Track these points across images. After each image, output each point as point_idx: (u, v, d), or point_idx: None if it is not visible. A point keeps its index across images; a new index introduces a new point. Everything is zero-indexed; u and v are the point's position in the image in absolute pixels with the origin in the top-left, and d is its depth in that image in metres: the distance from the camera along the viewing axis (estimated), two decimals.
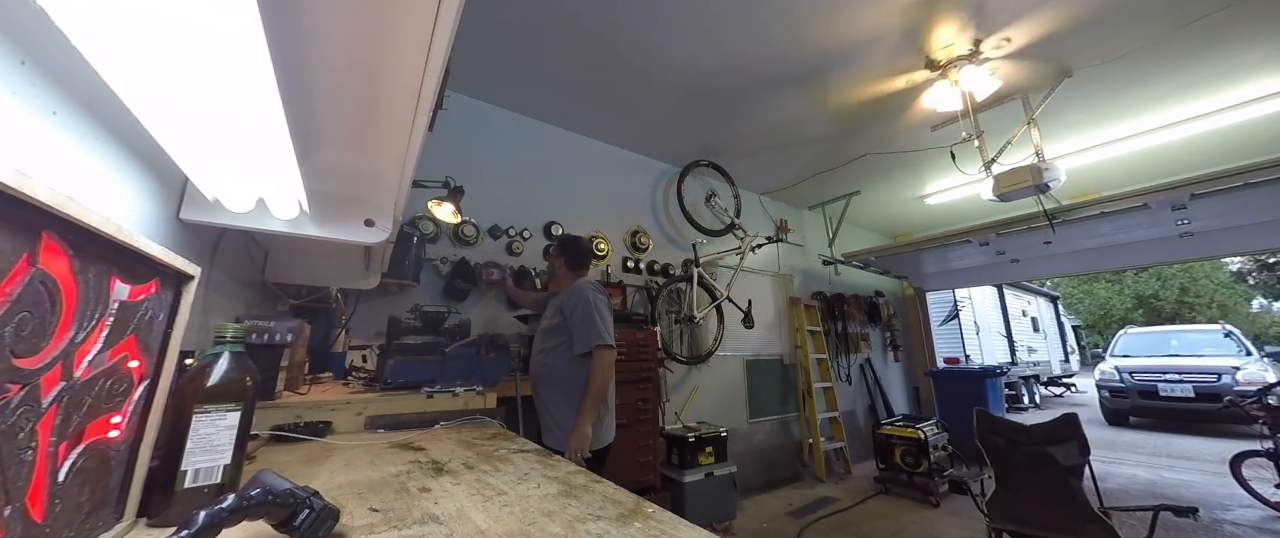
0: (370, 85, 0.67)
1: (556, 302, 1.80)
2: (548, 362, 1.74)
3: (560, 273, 1.91)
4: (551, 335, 1.75)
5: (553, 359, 1.73)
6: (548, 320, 1.79)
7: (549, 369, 1.73)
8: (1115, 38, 2.58)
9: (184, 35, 0.39)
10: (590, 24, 2.37)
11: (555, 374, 1.72)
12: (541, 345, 1.78)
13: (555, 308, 1.79)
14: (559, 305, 1.77)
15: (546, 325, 1.79)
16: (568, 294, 1.77)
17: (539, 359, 1.78)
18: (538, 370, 1.77)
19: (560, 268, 1.92)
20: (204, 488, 0.54)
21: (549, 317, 1.80)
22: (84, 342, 0.42)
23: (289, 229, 0.89)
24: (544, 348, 1.77)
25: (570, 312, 1.71)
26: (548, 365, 1.74)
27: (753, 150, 3.76)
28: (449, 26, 0.54)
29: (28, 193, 0.33)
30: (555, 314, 1.77)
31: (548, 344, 1.75)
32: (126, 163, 0.64)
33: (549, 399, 1.71)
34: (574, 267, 1.92)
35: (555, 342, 1.73)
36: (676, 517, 0.58)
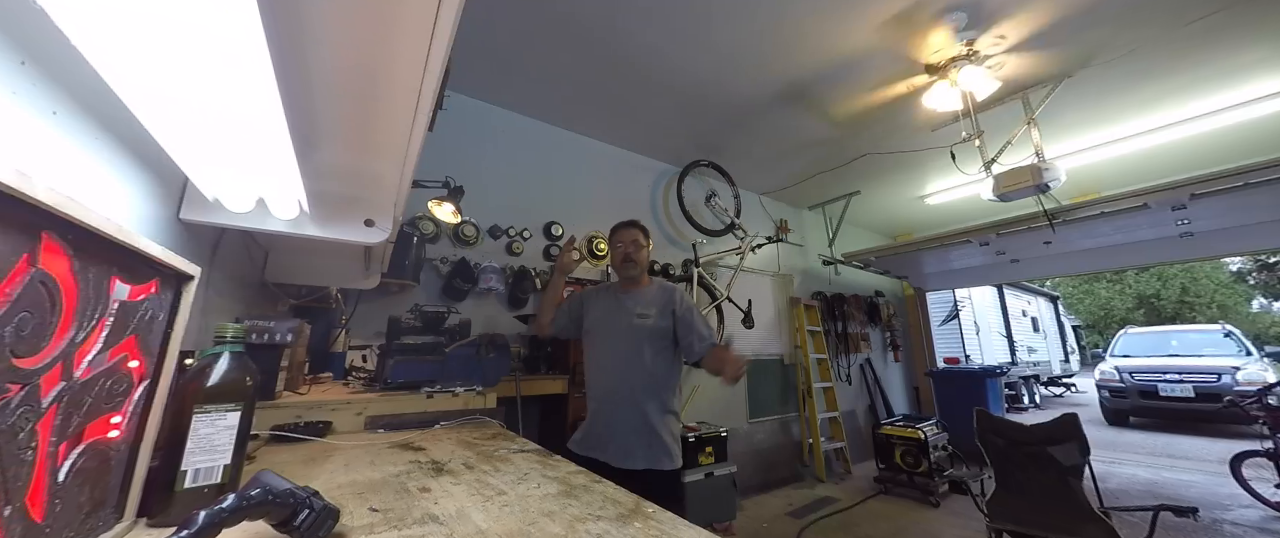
0: (370, 85, 0.67)
1: (658, 299, 1.63)
2: (654, 368, 1.54)
3: (645, 265, 1.71)
4: (659, 337, 1.57)
5: (659, 366, 1.55)
6: (652, 320, 1.58)
7: (654, 378, 1.54)
8: (1115, 38, 2.58)
9: (184, 35, 0.39)
10: (590, 24, 2.37)
11: (659, 381, 1.55)
12: (640, 349, 1.55)
13: (660, 306, 1.61)
14: (666, 303, 1.62)
15: (652, 325, 1.57)
16: (666, 291, 1.66)
17: (639, 366, 1.54)
18: (637, 380, 1.53)
19: (647, 259, 1.73)
20: (204, 488, 0.54)
21: (654, 316, 1.59)
22: (84, 342, 0.42)
23: (289, 229, 0.89)
24: (648, 353, 1.55)
25: (682, 311, 1.59)
26: (653, 372, 1.54)
27: (753, 150, 3.76)
28: (449, 26, 0.54)
29: (28, 193, 0.33)
30: (662, 314, 1.60)
31: (654, 346, 1.56)
32: (126, 163, 0.64)
33: (654, 413, 1.51)
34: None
35: (662, 344, 1.57)
36: (676, 517, 0.58)
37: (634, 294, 1.67)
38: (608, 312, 1.66)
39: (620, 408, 1.51)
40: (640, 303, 1.63)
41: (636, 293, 1.67)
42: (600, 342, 1.63)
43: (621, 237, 1.70)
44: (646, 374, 1.53)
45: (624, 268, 1.68)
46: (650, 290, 1.67)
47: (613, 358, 1.58)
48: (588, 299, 1.74)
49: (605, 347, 1.62)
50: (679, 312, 1.60)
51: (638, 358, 1.55)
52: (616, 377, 1.55)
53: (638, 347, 1.56)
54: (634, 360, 1.55)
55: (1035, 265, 5.28)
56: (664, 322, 1.59)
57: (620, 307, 1.64)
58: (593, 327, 1.67)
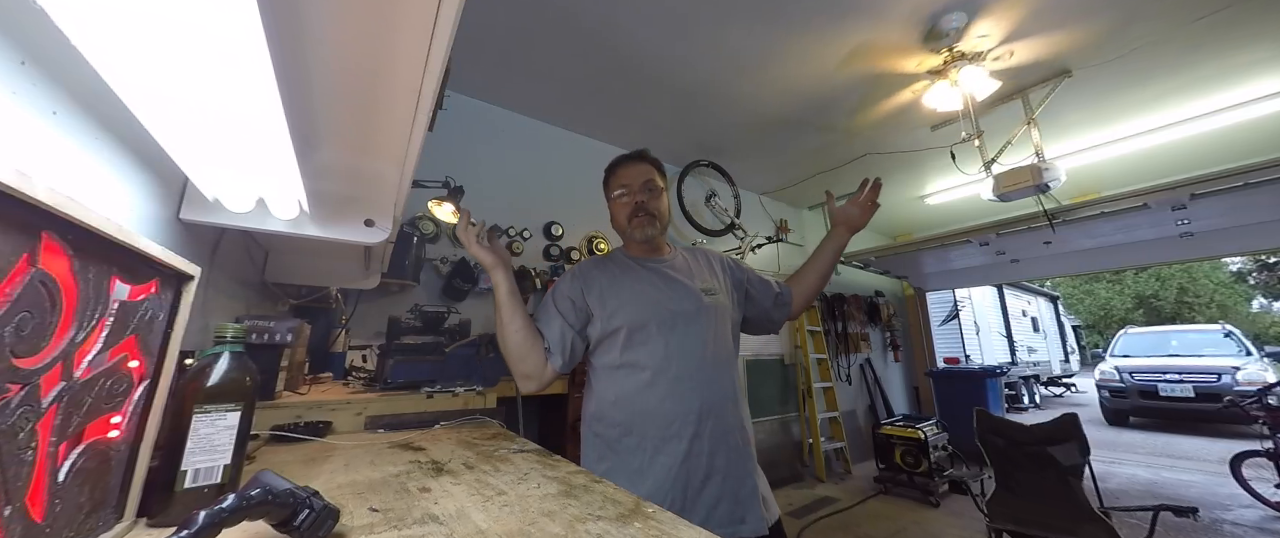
0: (370, 85, 0.67)
1: (706, 264, 1.19)
2: (731, 361, 1.08)
3: (666, 220, 1.17)
4: (725, 316, 1.10)
5: (731, 356, 1.09)
6: (721, 296, 1.11)
7: (733, 376, 1.08)
8: (1115, 38, 2.58)
9: (184, 35, 0.39)
10: (590, 24, 2.37)
11: (736, 378, 1.09)
12: (725, 342, 1.08)
13: (717, 273, 1.17)
14: (718, 268, 1.19)
15: (724, 303, 1.11)
16: (702, 253, 1.24)
17: (728, 369, 1.07)
18: (729, 391, 1.04)
19: (668, 212, 1.19)
20: (204, 488, 0.54)
21: (720, 290, 1.13)
22: (84, 342, 0.42)
23: (289, 229, 0.89)
24: (733, 346, 1.11)
25: (741, 270, 1.23)
26: (731, 367, 1.08)
27: (752, 150, 3.77)
28: (449, 26, 0.54)
29: (28, 193, 0.33)
30: (736, 285, 1.19)
31: (734, 336, 1.13)
32: (126, 163, 0.64)
33: (739, 430, 1.04)
34: None
35: (729, 326, 1.11)
36: (676, 517, 0.58)
37: (669, 263, 1.14)
38: (652, 291, 1.07)
39: (720, 442, 0.99)
40: (691, 274, 1.13)
41: (671, 261, 1.15)
42: (658, 340, 1.01)
43: (626, 176, 1.12)
44: (734, 380, 1.06)
45: (638, 226, 1.10)
46: (684, 256, 1.19)
47: (689, 362, 1.01)
48: (588, 281, 1.09)
49: (670, 346, 1.01)
50: (739, 273, 1.21)
51: (726, 356, 1.06)
52: (703, 392, 0.99)
53: (721, 338, 1.06)
54: (722, 362, 1.04)
55: (1035, 265, 5.28)
56: (732, 295, 1.15)
57: (669, 281, 1.09)
58: (633, 320, 1.03)
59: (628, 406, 1.01)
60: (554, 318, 1.06)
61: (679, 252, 1.20)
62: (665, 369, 1.00)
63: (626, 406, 1.01)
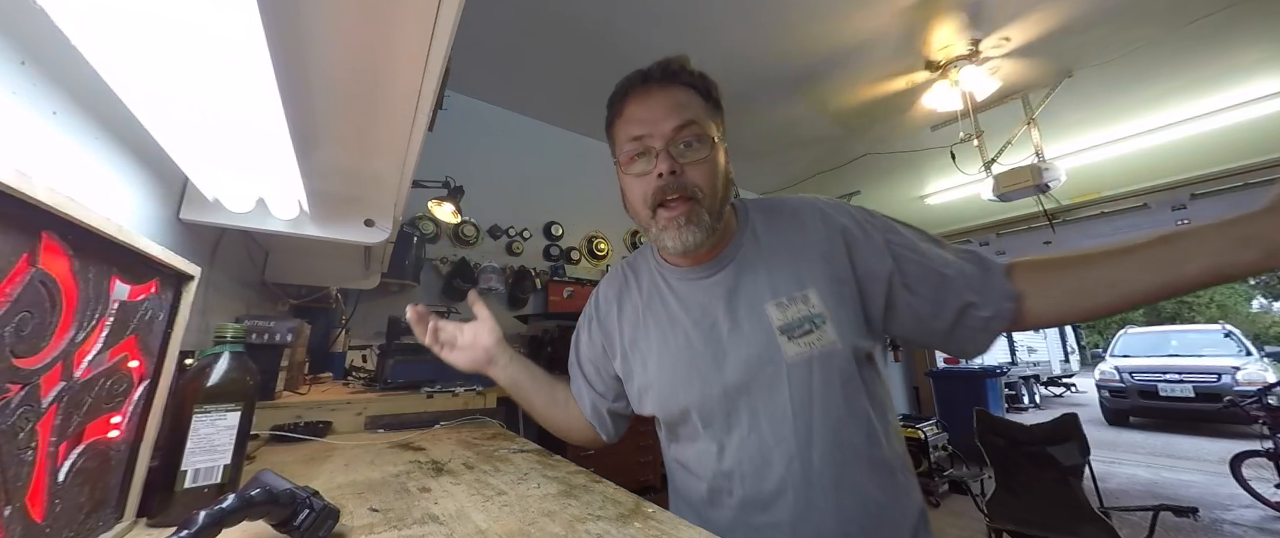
0: (370, 85, 0.67)
1: (809, 248, 0.66)
2: (845, 414, 0.62)
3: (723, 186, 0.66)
4: (832, 362, 0.62)
5: (858, 404, 0.64)
6: (818, 323, 0.62)
7: (853, 432, 0.63)
8: (1115, 38, 2.58)
9: (184, 35, 0.39)
10: (589, 24, 2.37)
11: (867, 433, 0.63)
12: (812, 404, 0.62)
13: (847, 268, 0.65)
14: (837, 252, 0.65)
15: (826, 339, 0.62)
16: (804, 222, 0.69)
17: (810, 425, 0.61)
18: (816, 453, 0.61)
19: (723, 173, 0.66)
20: (204, 488, 0.54)
21: (823, 310, 0.63)
22: (84, 342, 0.42)
23: (289, 229, 0.89)
24: (824, 391, 0.62)
25: (875, 261, 0.64)
26: (846, 421, 0.62)
27: (752, 150, 3.77)
28: (449, 26, 0.54)
29: (28, 193, 0.33)
30: (863, 286, 0.65)
31: (832, 385, 0.62)
32: (127, 163, 0.64)
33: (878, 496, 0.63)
34: None
35: (844, 375, 0.62)
36: (676, 517, 0.58)
37: (725, 274, 0.68)
38: (687, 353, 0.68)
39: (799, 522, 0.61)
40: (763, 292, 0.65)
41: (728, 268, 0.68)
42: (706, 438, 0.67)
43: (640, 114, 0.64)
44: (834, 433, 0.62)
45: (670, 227, 0.63)
46: (753, 248, 0.69)
47: (767, 463, 0.63)
48: (608, 332, 0.78)
49: (728, 448, 0.65)
50: (870, 259, 0.65)
51: (803, 409, 0.62)
52: (761, 461, 0.63)
53: (827, 400, 0.62)
54: (798, 417, 0.62)
55: None
56: (849, 310, 0.64)
57: (715, 327, 0.67)
58: (666, 408, 0.70)
59: (676, 465, 0.74)
60: (583, 389, 0.80)
61: (748, 233, 0.69)
62: (725, 487, 0.65)
63: (673, 463, 0.75)
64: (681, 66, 0.67)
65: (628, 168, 0.66)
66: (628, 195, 0.68)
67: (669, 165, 0.62)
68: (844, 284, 0.64)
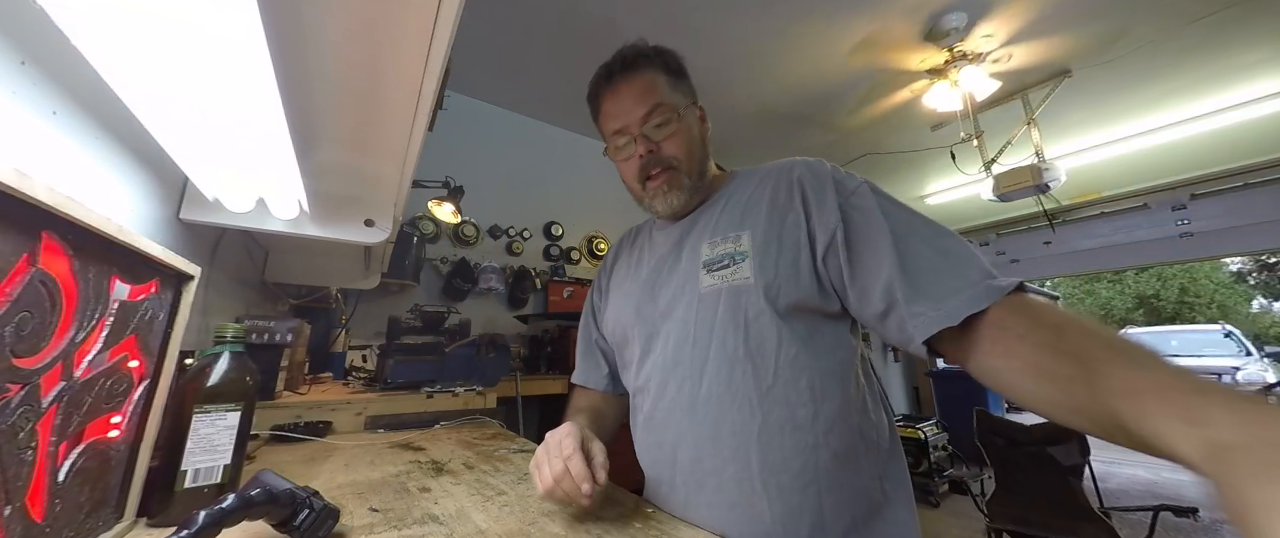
0: (370, 85, 0.67)
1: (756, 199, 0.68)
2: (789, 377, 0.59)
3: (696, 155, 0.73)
4: (744, 297, 0.62)
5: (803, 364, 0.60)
6: (741, 262, 0.64)
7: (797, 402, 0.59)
8: (1116, 38, 2.58)
9: (184, 35, 0.39)
10: (589, 24, 2.37)
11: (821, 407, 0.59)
12: (727, 339, 0.62)
13: (769, 211, 0.66)
14: (781, 199, 0.66)
15: (741, 277, 0.63)
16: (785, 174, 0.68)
17: (737, 384, 0.60)
18: (740, 421, 0.59)
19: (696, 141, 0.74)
20: (204, 488, 0.54)
21: (761, 252, 0.63)
22: (84, 342, 0.42)
23: (289, 229, 0.89)
24: (752, 339, 0.61)
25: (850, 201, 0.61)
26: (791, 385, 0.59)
27: (752, 150, 3.77)
28: (449, 26, 0.54)
29: (28, 193, 0.33)
30: (782, 227, 0.64)
31: (736, 321, 0.62)
32: (127, 163, 0.64)
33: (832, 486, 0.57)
34: None
35: (796, 311, 0.61)
36: (676, 517, 0.58)
37: (692, 224, 0.73)
38: (635, 284, 0.77)
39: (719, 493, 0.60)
40: (711, 232, 0.69)
41: (700, 217, 0.73)
42: (636, 365, 0.73)
43: (614, 109, 0.73)
44: (727, 367, 0.61)
45: (657, 194, 0.72)
46: (733, 198, 0.71)
47: (664, 386, 0.67)
48: (610, 274, 0.87)
49: (647, 368, 0.70)
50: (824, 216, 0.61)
51: (729, 362, 0.61)
52: (693, 425, 0.63)
53: (722, 335, 0.62)
54: (722, 370, 0.61)
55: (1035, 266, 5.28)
56: (796, 255, 0.62)
57: (661, 262, 0.74)
58: (614, 335, 0.79)
59: (634, 429, 0.75)
60: (591, 348, 0.87)
61: (723, 191, 0.73)
62: (639, 404, 0.72)
63: (634, 429, 0.76)
64: (638, 53, 0.75)
65: (615, 155, 0.76)
66: (622, 175, 0.78)
67: (645, 147, 0.71)
68: (790, 232, 0.63)
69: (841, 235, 0.59)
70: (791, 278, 0.61)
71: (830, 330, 0.63)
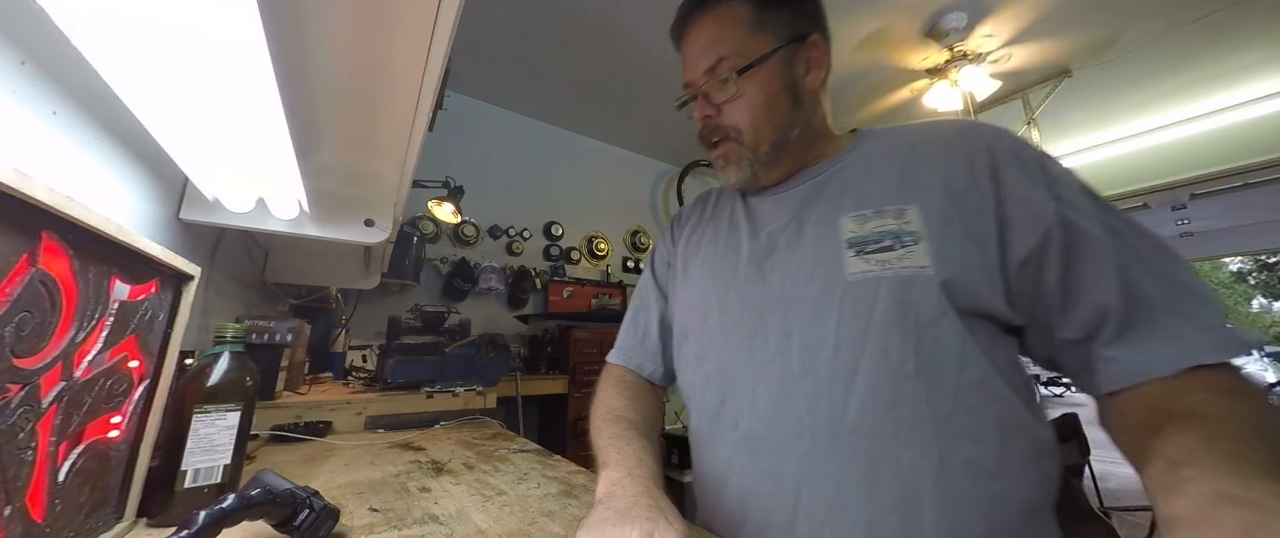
0: (370, 85, 0.67)
1: (913, 168, 0.52)
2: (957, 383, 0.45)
3: (789, 87, 0.57)
4: (913, 289, 0.46)
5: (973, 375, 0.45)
6: (911, 244, 0.48)
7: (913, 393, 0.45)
8: (1116, 38, 2.58)
9: (184, 35, 0.39)
10: (590, 24, 2.37)
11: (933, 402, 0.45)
12: (885, 338, 0.46)
13: (941, 183, 0.50)
14: (962, 172, 0.50)
15: (913, 263, 0.47)
16: (962, 140, 0.52)
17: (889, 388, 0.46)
18: (877, 402, 0.46)
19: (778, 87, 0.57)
20: (204, 488, 0.54)
21: (936, 233, 0.48)
22: (84, 342, 0.42)
23: (289, 229, 0.89)
24: (915, 340, 0.46)
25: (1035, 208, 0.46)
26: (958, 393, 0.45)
27: None
28: (449, 26, 0.54)
29: (28, 193, 0.33)
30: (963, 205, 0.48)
31: (941, 322, 0.46)
32: (126, 163, 0.64)
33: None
34: None
35: (945, 321, 0.46)
36: None
37: (804, 181, 0.60)
38: (713, 262, 0.64)
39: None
40: (844, 193, 0.55)
41: (812, 177, 0.59)
42: (697, 368, 0.61)
43: (686, 56, 0.63)
44: (890, 383, 0.46)
45: (719, 166, 0.62)
46: (881, 155, 0.56)
47: (797, 391, 0.50)
48: (679, 231, 0.74)
49: (722, 375, 0.57)
50: (1057, 191, 0.46)
51: (851, 341, 0.48)
52: (834, 459, 0.46)
53: (883, 339, 0.46)
54: (883, 389, 0.46)
55: None
56: (971, 234, 0.47)
57: (787, 227, 0.58)
58: (683, 322, 0.66)
59: (697, 476, 0.60)
60: (649, 327, 0.72)
61: (854, 151, 0.58)
62: (730, 415, 0.54)
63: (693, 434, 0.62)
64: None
65: (692, 111, 0.64)
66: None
67: (703, 111, 0.60)
68: (974, 217, 0.47)
69: (1060, 238, 0.45)
70: (980, 275, 0.46)
71: (1007, 349, 0.49)
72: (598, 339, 2.54)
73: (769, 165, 0.59)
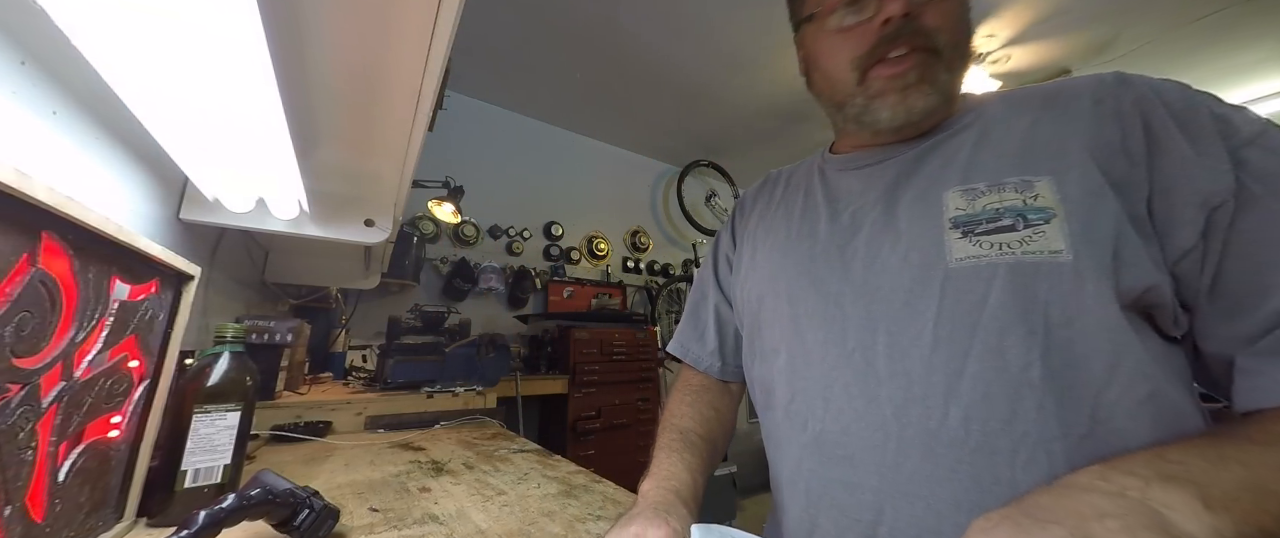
0: (370, 85, 0.67)
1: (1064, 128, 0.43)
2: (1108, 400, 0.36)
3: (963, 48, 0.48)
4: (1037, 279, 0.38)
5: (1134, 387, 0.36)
6: (1045, 221, 0.39)
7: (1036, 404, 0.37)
8: (1115, 38, 2.58)
9: (184, 35, 0.39)
10: (590, 24, 2.37)
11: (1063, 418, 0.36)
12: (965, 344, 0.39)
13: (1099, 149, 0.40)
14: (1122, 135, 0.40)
15: (1042, 247, 0.38)
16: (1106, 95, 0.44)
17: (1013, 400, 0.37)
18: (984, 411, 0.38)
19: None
20: (204, 488, 0.54)
21: (1073, 211, 0.38)
22: (84, 342, 0.42)
23: (289, 229, 0.89)
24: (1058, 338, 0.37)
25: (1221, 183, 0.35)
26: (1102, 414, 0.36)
27: (753, 150, 3.76)
28: (449, 27, 0.54)
29: (28, 193, 0.33)
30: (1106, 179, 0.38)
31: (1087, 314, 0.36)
32: (127, 163, 0.64)
33: None
34: None
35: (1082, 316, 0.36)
36: None
37: (933, 157, 0.48)
38: (815, 224, 0.54)
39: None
40: (951, 164, 0.46)
41: (941, 150, 0.48)
42: (781, 350, 0.52)
43: None
44: (1007, 391, 0.38)
45: (891, 74, 0.45)
46: (996, 121, 0.46)
47: (882, 393, 0.43)
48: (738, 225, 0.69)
49: (829, 351, 0.47)
50: (1239, 158, 0.36)
51: (1011, 386, 0.38)
52: (928, 474, 0.39)
53: (996, 339, 0.39)
54: (994, 398, 0.38)
55: None
56: (1130, 211, 0.37)
57: (873, 205, 0.49)
58: (755, 299, 0.58)
59: (769, 440, 0.56)
60: (707, 317, 0.66)
61: (966, 115, 0.49)
62: (799, 416, 0.49)
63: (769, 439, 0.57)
64: None
65: (830, 17, 0.48)
66: (821, 61, 0.51)
67: (902, 6, 0.44)
68: (1129, 189, 0.38)
69: (1232, 207, 0.35)
70: (1143, 263, 0.36)
71: (1174, 360, 0.39)
72: (598, 339, 2.54)
73: (945, 97, 0.46)
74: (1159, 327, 0.39)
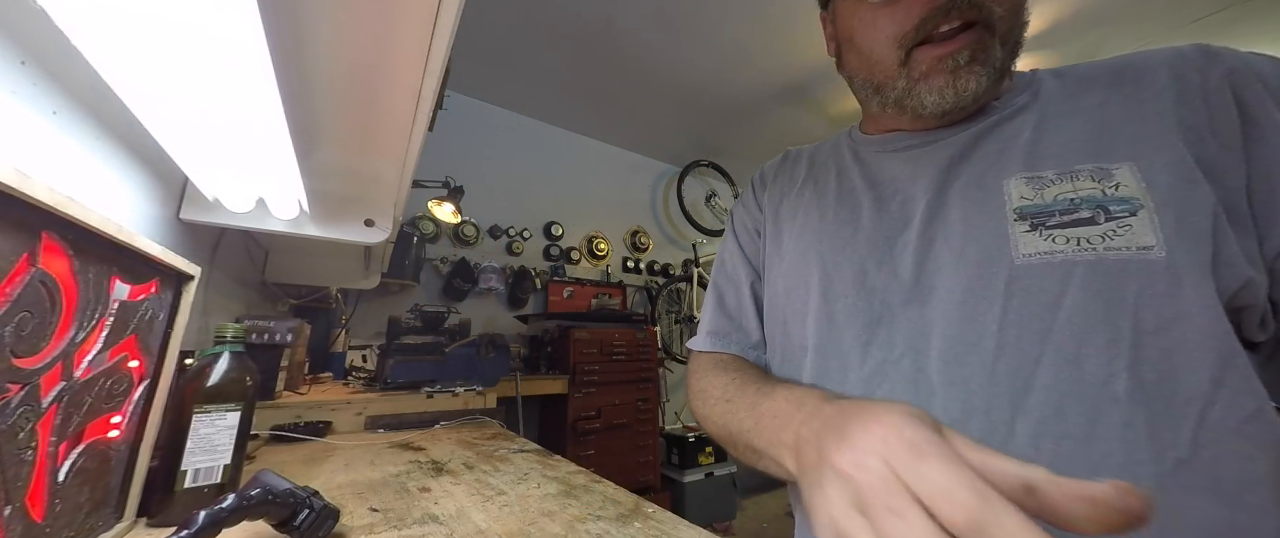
0: (370, 85, 0.67)
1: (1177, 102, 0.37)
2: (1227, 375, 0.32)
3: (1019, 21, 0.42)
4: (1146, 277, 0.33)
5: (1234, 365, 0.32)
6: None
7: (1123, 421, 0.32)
8: (1114, 38, 2.58)
9: (184, 35, 0.39)
10: (590, 24, 2.37)
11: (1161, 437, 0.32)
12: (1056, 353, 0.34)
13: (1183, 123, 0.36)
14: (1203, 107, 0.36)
15: (1138, 243, 0.34)
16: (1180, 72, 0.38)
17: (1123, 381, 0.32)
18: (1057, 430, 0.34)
19: None
20: (204, 488, 0.54)
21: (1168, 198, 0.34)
22: (84, 342, 0.42)
23: (289, 229, 0.89)
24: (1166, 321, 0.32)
25: None
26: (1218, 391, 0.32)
27: (753, 150, 3.77)
28: (449, 26, 0.54)
29: (28, 193, 0.33)
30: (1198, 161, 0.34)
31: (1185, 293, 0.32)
32: (127, 163, 0.64)
33: None
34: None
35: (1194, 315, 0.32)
36: (676, 517, 0.58)
37: (989, 140, 0.43)
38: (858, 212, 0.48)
39: None
40: (1011, 148, 0.42)
41: (963, 129, 0.45)
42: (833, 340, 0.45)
43: None
44: (1085, 409, 0.34)
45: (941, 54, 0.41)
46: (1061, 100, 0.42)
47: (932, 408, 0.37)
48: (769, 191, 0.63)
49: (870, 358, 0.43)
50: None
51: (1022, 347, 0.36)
52: None
53: (1073, 346, 0.34)
54: (1002, 355, 0.36)
55: None
56: (1227, 202, 0.34)
57: (924, 192, 0.44)
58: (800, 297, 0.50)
59: None
60: (738, 305, 0.59)
61: (1022, 95, 0.45)
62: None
63: None
64: None
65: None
66: (858, 39, 0.46)
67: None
68: (1223, 177, 0.34)
69: None
70: (1238, 258, 0.33)
71: (1269, 365, 0.36)
72: (598, 339, 2.54)
73: (997, 78, 0.42)
74: (1243, 330, 0.34)
